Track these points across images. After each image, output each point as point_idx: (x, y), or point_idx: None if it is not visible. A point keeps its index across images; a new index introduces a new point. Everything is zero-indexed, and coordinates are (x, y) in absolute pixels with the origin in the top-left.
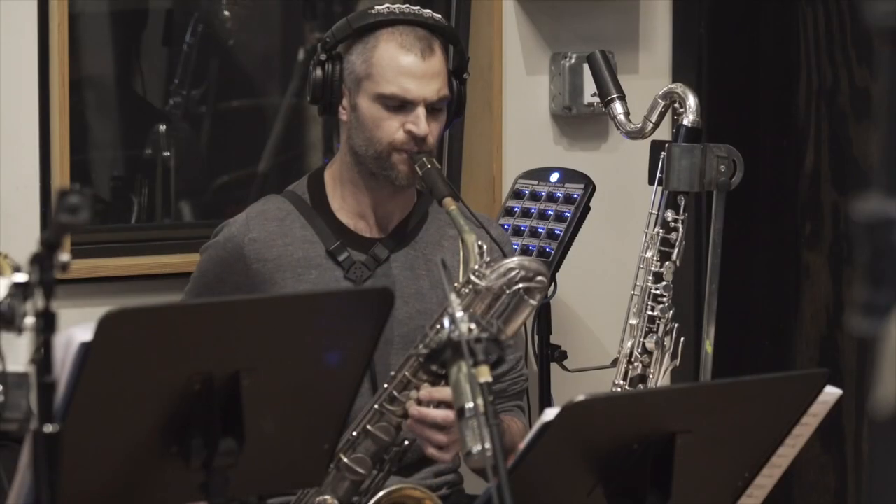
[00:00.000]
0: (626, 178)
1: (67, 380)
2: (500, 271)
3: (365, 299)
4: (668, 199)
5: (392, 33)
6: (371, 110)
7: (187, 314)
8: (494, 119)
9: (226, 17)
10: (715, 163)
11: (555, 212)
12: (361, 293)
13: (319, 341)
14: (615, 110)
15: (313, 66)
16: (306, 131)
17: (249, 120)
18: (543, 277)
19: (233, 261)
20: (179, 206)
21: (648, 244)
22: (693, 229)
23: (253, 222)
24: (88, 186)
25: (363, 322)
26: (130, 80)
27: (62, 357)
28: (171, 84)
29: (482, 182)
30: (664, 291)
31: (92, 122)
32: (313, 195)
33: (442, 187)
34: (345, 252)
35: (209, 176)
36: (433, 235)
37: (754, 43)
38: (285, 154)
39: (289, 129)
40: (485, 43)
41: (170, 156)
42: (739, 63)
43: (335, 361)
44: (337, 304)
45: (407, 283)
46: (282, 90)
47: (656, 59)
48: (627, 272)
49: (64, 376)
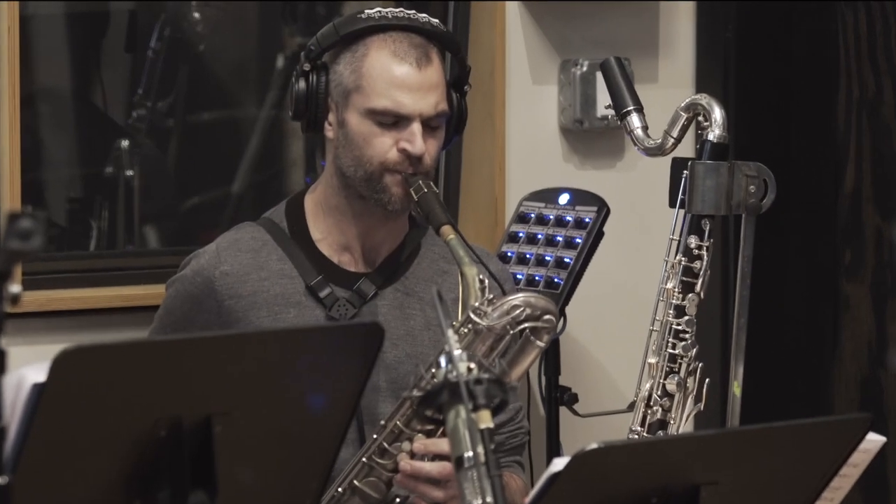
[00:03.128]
0: (643, 200)
1: (19, 425)
2: (503, 309)
3: (351, 336)
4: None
5: (384, 40)
6: (361, 127)
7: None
8: (496, 134)
9: (196, 19)
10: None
11: (564, 238)
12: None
13: (301, 383)
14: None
15: (296, 77)
16: (286, 147)
17: (222, 135)
18: (551, 316)
19: (202, 297)
20: (144, 231)
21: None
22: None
23: (224, 254)
24: (42, 209)
25: (350, 361)
26: (89, 91)
27: (13, 400)
28: (135, 95)
29: (483, 205)
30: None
31: (46, 138)
32: (292, 223)
33: (440, 214)
34: (327, 288)
35: (177, 198)
36: (426, 271)
37: (787, 48)
38: (263, 173)
39: (267, 144)
40: (486, 49)
41: (133, 175)
42: (771, 71)
43: (318, 406)
44: (320, 342)
45: (396, 324)
46: (259, 101)
47: (678, 66)
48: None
49: (15, 421)
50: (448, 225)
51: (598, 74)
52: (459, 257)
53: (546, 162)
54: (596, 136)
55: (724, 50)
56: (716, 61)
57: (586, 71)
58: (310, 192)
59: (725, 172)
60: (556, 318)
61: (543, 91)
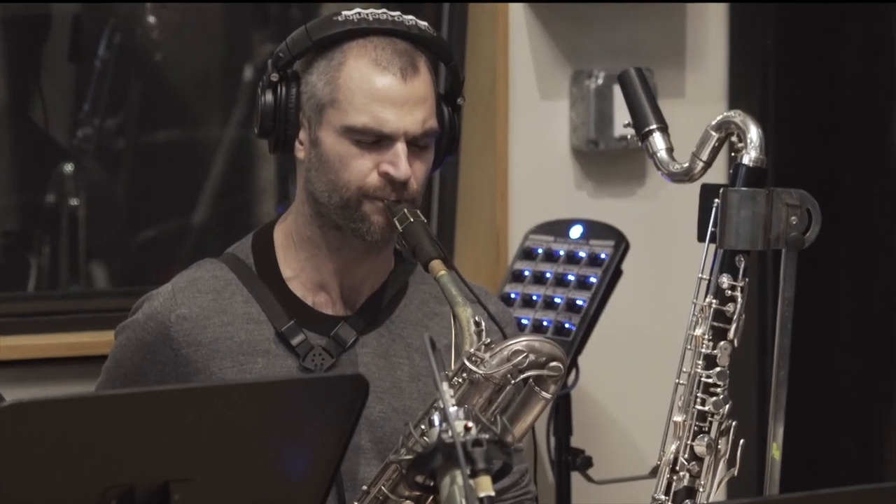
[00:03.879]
0: (668, 233)
1: None
2: (502, 355)
3: (330, 389)
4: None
5: (364, 47)
6: (336, 146)
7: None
8: (499, 157)
9: (151, 24)
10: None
11: (577, 277)
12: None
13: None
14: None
15: (262, 88)
16: (256, 172)
17: (182, 157)
18: (559, 363)
19: (156, 345)
20: (91, 269)
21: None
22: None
23: (182, 295)
24: None
25: (328, 419)
26: (27, 107)
27: None
28: (80, 111)
29: (482, 239)
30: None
31: None
32: (260, 259)
33: (428, 247)
34: (300, 334)
35: (129, 230)
36: (414, 314)
37: (835, 57)
38: (228, 202)
39: (233, 169)
40: (486, 58)
41: (78, 204)
42: (816, 83)
43: (293, 470)
44: (294, 396)
45: (380, 375)
46: (224, 119)
47: (708, 78)
48: (671, 355)
49: None
50: (438, 259)
51: (615, 88)
52: (452, 296)
53: (556, 189)
54: (613, 158)
55: (762, 59)
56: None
57: (602, 84)
58: (280, 223)
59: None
60: (564, 365)
61: (553, 107)
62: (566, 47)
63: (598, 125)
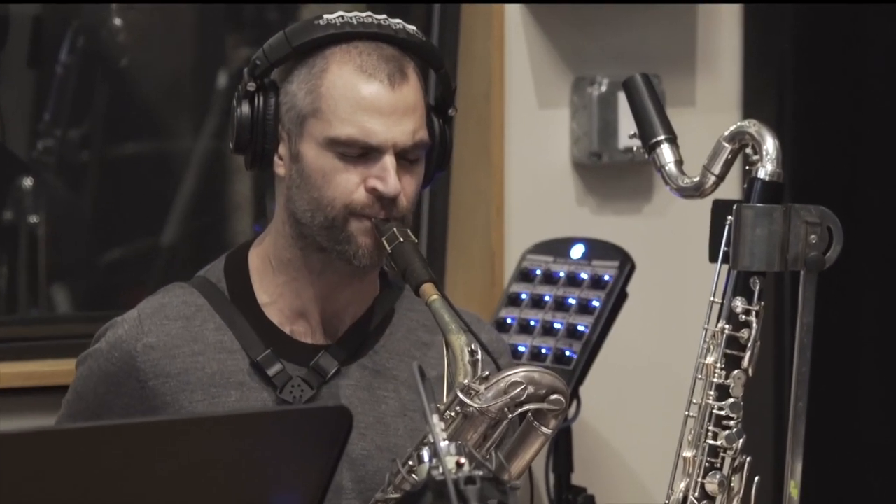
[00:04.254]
0: (677, 253)
1: None
2: (499, 387)
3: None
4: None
5: (348, 53)
6: (320, 161)
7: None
8: (494, 170)
9: (117, 26)
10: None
11: (578, 301)
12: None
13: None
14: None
15: (238, 99)
16: (230, 187)
17: (151, 171)
18: (560, 396)
19: (121, 376)
20: (52, 292)
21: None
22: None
23: (149, 322)
24: None
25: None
26: None
27: None
28: (41, 121)
29: (476, 259)
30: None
31: None
32: (233, 284)
33: (419, 270)
34: (276, 364)
35: (94, 250)
36: (401, 343)
37: (858, 62)
38: (201, 220)
39: (206, 184)
40: (480, 64)
41: (38, 222)
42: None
43: None
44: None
45: (364, 409)
46: (196, 129)
47: (720, 85)
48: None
49: None
50: (430, 283)
51: (620, 95)
52: (445, 323)
53: (555, 205)
54: (617, 172)
55: (779, 65)
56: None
57: (605, 91)
58: (255, 245)
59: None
60: (565, 398)
61: (552, 116)
62: (567, 52)
63: (602, 136)
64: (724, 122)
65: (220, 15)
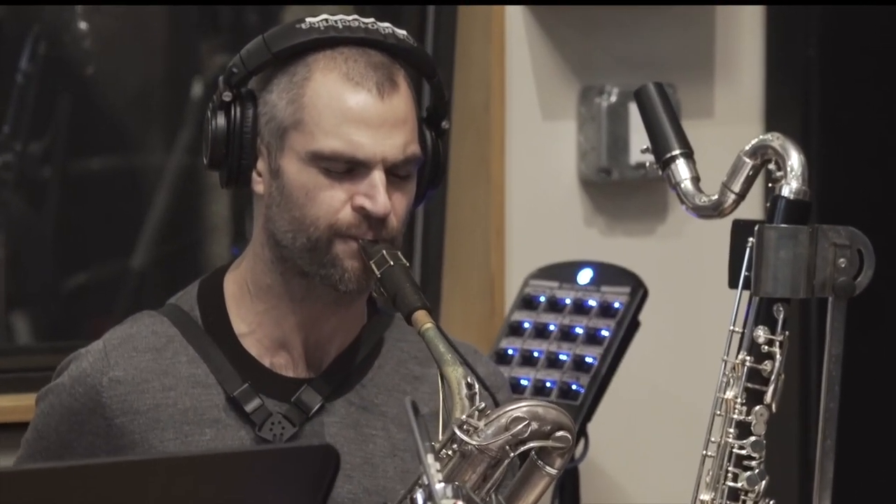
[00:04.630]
0: (693, 279)
1: None
2: (499, 423)
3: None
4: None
5: (333, 59)
6: (302, 177)
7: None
8: (493, 188)
9: (82, 31)
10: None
11: (586, 330)
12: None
13: None
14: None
15: (212, 110)
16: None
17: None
18: (567, 433)
19: (85, 413)
20: (11, 321)
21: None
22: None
23: (115, 354)
24: None
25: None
26: None
27: None
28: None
29: (475, 285)
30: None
31: None
32: (207, 312)
33: (411, 296)
34: (255, 399)
35: (57, 275)
36: (390, 376)
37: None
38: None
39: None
40: (479, 71)
41: None
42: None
43: None
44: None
45: (350, 448)
46: (168, 143)
47: (741, 95)
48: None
49: None
50: (423, 310)
51: (631, 106)
52: (439, 354)
53: (561, 226)
54: (629, 190)
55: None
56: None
57: (616, 102)
58: (231, 271)
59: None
60: (572, 436)
61: (557, 129)
62: (573, 58)
63: (611, 151)
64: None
65: (195, 18)
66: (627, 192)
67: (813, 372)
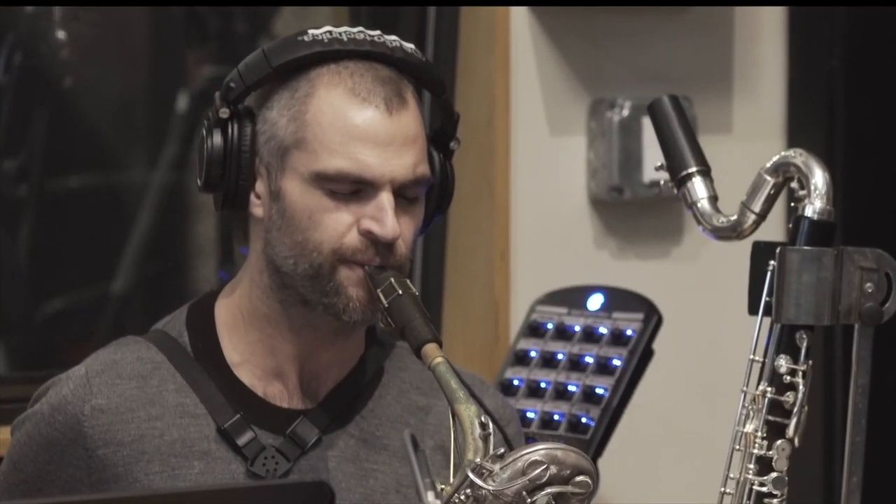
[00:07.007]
0: (710, 305)
1: None
2: (515, 468)
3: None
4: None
5: (337, 74)
6: (305, 199)
7: None
8: (497, 208)
9: (60, 40)
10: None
11: (597, 359)
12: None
13: None
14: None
15: (208, 128)
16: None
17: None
18: (587, 478)
19: (65, 444)
20: None
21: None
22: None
23: (98, 381)
24: None
25: None
26: None
27: None
28: None
29: (478, 310)
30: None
31: None
32: (197, 338)
33: (421, 328)
34: (247, 432)
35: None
36: (391, 407)
37: None
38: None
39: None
40: (482, 83)
41: None
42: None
43: None
44: None
45: (349, 485)
46: (151, 159)
47: (761, 108)
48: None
49: None
50: (434, 343)
51: (644, 121)
52: (451, 391)
53: (569, 248)
54: (642, 210)
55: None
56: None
57: (628, 116)
58: (224, 296)
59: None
60: (593, 481)
61: (566, 145)
62: (582, 69)
63: (623, 168)
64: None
65: (179, 26)
66: (640, 212)
67: (838, 404)
